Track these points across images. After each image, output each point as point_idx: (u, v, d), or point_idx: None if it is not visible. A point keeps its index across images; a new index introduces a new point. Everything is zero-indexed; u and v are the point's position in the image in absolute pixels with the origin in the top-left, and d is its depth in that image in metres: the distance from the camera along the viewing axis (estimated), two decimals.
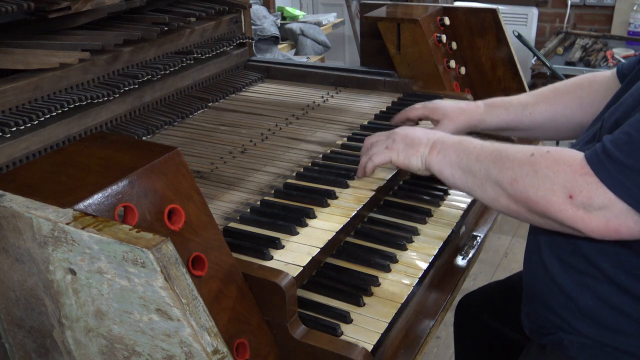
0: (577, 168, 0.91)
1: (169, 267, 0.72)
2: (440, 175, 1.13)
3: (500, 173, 1.00)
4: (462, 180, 1.08)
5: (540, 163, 0.95)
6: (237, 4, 1.87)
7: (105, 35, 1.47)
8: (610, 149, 0.88)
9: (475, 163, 1.05)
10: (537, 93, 1.33)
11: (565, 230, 0.95)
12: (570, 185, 0.90)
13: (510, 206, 1.00)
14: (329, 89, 1.82)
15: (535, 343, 1.14)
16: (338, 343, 0.91)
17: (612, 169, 0.87)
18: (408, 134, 1.19)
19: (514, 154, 1.00)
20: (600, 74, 1.29)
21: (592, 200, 0.89)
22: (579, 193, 0.90)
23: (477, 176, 1.04)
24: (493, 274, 2.93)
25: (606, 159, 0.88)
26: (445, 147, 1.12)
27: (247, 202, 1.19)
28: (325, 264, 1.12)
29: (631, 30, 3.96)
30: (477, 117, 1.34)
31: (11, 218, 0.81)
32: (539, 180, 0.94)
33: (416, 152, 1.15)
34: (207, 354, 0.74)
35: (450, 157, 1.10)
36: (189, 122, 1.59)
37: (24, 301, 0.87)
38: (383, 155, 1.20)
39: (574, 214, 0.91)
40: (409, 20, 1.69)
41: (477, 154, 1.05)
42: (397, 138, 1.19)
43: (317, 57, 3.75)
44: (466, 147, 1.08)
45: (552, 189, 0.92)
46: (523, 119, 1.31)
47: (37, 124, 1.26)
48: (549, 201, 0.92)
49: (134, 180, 0.83)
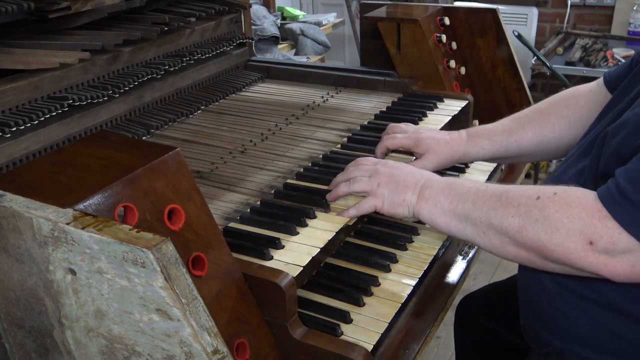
0: (594, 212, 0.86)
1: (169, 267, 0.72)
2: (432, 224, 1.06)
3: (505, 220, 0.94)
4: (459, 229, 1.01)
5: (549, 207, 0.89)
6: (237, 4, 1.87)
7: (105, 35, 1.47)
8: (625, 188, 0.84)
9: (472, 210, 0.98)
10: (521, 117, 1.27)
11: (585, 274, 0.91)
12: (589, 231, 0.86)
13: (519, 254, 0.95)
14: (329, 89, 1.82)
15: (536, 351, 1.13)
16: (338, 343, 0.91)
17: (631, 210, 0.83)
18: (393, 176, 1.10)
19: (517, 198, 0.94)
20: (582, 87, 1.25)
21: (615, 245, 0.84)
22: (600, 239, 0.85)
23: (477, 225, 0.98)
24: (493, 274, 2.93)
25: (622, 200, 0.84)
26: (435, 193, 1.04)
27: (247, 202, 1.19)
28: (325, 264, 1.12)
29: (631, 30, 3.95)
30: (462, 149, 1.27)
31: (11, 218, 0.81)
32: (552, 227, 0.88)
33: (403, 200, 1.07)
34: (207, 354, 0.74)
35: (443, 204, 1.02)
36: (189, 122, 1.59)
37: (24, 301, 0.87)
38: (368, 204, 1.10)
39: (596, 260, 0.86)
40: (409, 20, 1.69)
41: (473, 199, 0.99)
42: (381, 181, 1.10)
43: (317, 57, 3.74)
44: (459, 192, 1.01)
45: (569, 235, 0.87)
46: (509, 147, 1.25)
47: (37, 124, 1.26)
48: (567, 249, 0.88)
49: (134, 180, 0.83)
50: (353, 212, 1.11)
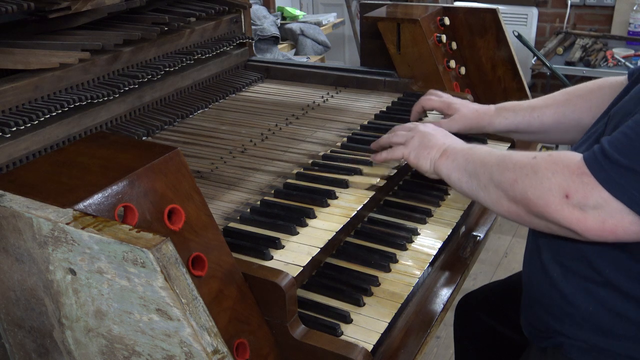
0: (575, 169, 0.91)
1: (169, 267, 0.72)
2: (448, 180, 1.15)
3: (502, 175, 1.01)
4: (468, 184, 1.09)
5: (540, 164, 0.96)
6: (237, 4, 1.87)
7: (105, 35, 1.47)
8: (607, 150, 0.89)
9: (480, 167, 1.06)
10: (548, 97, 1.34)
11: (564, 232, 0.95)
12: (567, 185, 0.91)
13: (511, 208, 1.00)
14: (329, 89, 1.82)
15: (536, 346, 1.14)
16: (338, 343, 0.91)
17: (609, 169, 0.88)
18: (426, 134, 1.22)
19: (517, 157, 1.01)
20: (611, 78, 1.29)
21: (587, 199, 0.89)
22: (575, 192, 0.90)
23: (481, 179, 1.05)
24: (493, 274, 2.93)
25: (603, 160, 0.89)
26: (455, 153, 1.14)
27: (247, 202, 1.19)
28: (325, 264, 1.12)
29: (631, 30, 3.95)
30: (487, 118, 1.36)
31: (11, 218, 0.81)
32: (538, 181, 0.94)
33: (427, 154, 1.18)
34: (207, 354, 0.74)
35: (459, 162, 1.12)
36: (189, 122, 1.59)
37: (24, 301, 0.87)
38: (398, 151, 1.24)
39: (570, 213, 0.91)
40: (409, 20, 1.69)
41: (483, 158, 1.07)
42: (415, 136, 1.23)
43: (317, 57, 3.75)
44: (474, 153, 1.10)
45: (550, 188, 0.93)
46: (532, 121, 1.32)
47: (37, 124, 1.26)
48: (547, 201, 0.93)
49: (134, 180, 0.83)
50: (385, 155, 1.27)
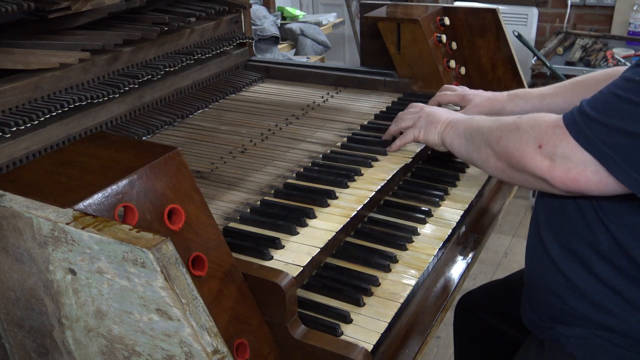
0: (552, 123, 0.98)
1: (169, 267, 0.72)
2: (451, 148, 1.24)
3: (490, 134, 1.09)
4: (465, 147, 1.18)
5: (523, 121, 1.03)
6: (237, 4, 1.87)
7: (105, 35, 1.47)
8: (583, 107, 0.95)
9: (475, 131, 1.15)
10: (558, 85, 1.38)
11: (539, 184, 1.01)
12: (541, 136, 0.98)
13: (497, 165, 1.08)
14: (329, 89, 1.82)
15: (535, 338, 1.15)
16: (338, 343, 0.91)
17: (580, 121, 0.94)
18: (432, 113, 1.32)
19: (505, 118, 1.09)
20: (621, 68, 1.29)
21: (556, 148, 0.95)
22: (547, 142, 0.97)
23: (475, 141, 1.14)
24: (493, 274, 2.93)
25: (578, 115, 0.95)
26: (458, 123, 1.23)
27: (247, 202, 1.19)
28: (325, 264, 1.12)
29: (631, 30, 3.95)
30: (500, 104, 1.42)
31: (11, 218, 0.81)
32: (519, 135, 1.02)
33: (434, 128, 1.28)
34: (207, 354, 0.74)
35: (459, 130, 1.21)
36: (189, 122, 1.59)
37: (24, 301, 0.87)
38: (409, 135, 1.34)
39: (541, 162, 0.97)
40: (409, 20, 1.69)
41: (479, 123, 1.15)
42: (422, 115, 1.33)
43: (317, 57, 3.74)
44: (473, 120, 1.19)
45: (527, 140, 1.00)
46: (541, 109, 1.35)
47: (37, 124, 1.26)
48: (523, 152, 1.00)
49: (134, 180, 0.83)
50: (398, 143, 1.37)
